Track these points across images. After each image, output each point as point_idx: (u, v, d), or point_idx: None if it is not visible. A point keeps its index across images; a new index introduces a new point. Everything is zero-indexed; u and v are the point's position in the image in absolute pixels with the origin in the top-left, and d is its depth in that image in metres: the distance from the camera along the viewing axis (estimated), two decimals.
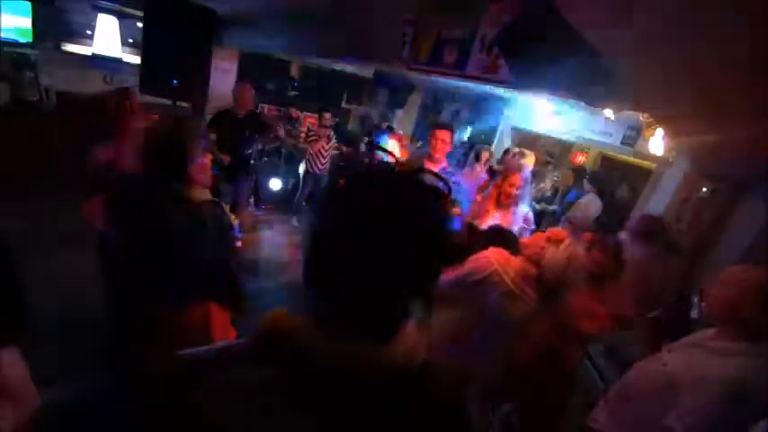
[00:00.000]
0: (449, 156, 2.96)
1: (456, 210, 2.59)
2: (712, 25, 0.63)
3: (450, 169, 2.92)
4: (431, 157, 2.86)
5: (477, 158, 4.29)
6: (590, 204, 4.11)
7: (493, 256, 1.69)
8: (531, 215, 2.82)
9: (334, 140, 4.98)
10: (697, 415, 1.20)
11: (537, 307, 1.61)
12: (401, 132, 5.74)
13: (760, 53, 0.64)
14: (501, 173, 2.96)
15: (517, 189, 2.64)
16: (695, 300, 2.05)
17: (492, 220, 2.69)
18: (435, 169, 2.82)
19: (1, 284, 0.97)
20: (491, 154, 4.59)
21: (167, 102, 3.94)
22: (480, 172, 4.12)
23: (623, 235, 2.61)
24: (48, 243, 2.57)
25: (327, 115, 4.87)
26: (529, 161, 4.08)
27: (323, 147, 4.82)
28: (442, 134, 2.82)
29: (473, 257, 1.76)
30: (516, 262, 1.68)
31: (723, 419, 1.18)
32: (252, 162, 3.95)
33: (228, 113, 3.60)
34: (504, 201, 2.66)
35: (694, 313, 1.84)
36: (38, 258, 2.78)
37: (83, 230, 1.96)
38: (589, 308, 1.90)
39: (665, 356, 1.43)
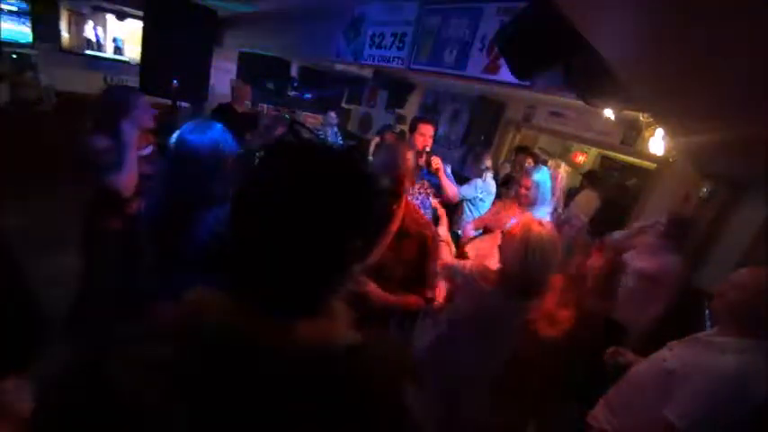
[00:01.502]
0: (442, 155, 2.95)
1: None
2: (713, 25, 0.63)
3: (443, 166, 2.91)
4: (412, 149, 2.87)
5: (478, 161, 4.10)
6: (587, 202, 4.10)
7: (468, 265, 1.64)
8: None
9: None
10: (696, 409, 1.20)
11: (514, 312, 1.55)
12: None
13: (760, 53, 0.65)
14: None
15: (527, 190, 2.65)
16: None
17: (510, 220, 2.70)
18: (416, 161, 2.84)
19: (9, 313, 0.86)
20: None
21: (168, 101, 3.94)
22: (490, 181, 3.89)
23: (649, 242, 2.47)
24: (48, 243, 2.57)
25: (333, 114, 4.87)
26: (557, 167, 3.77)
27: None
28: (425, 128, 2.81)
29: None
30: (493, 272, 1.59)
31: (722, 414, 1.18)
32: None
33: (228, 109, 3.61)
34: (521, 202, 2.70)
35: (708, 327, 1.80)
36: (38, 258, 2.79)
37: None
38: (551, 312, 1.87)
39: (665, 353, 1.43)
